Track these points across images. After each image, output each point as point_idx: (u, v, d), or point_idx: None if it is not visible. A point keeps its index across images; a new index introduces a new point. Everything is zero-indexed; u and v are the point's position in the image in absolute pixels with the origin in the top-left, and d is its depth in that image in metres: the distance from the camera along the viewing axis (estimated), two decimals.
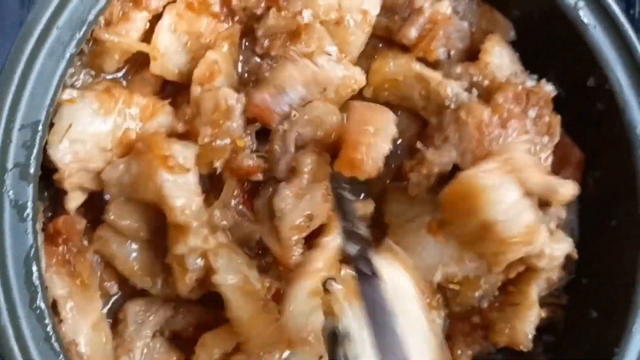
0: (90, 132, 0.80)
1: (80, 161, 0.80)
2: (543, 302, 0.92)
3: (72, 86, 0.83)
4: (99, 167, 0.82)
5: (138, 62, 0.86)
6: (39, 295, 0.72)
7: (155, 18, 0.83)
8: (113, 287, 0.88)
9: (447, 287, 0.91)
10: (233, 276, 0.81)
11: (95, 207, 0.85)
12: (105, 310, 0.88)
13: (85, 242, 0.85)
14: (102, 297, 0.87)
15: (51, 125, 0.78)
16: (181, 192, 0.80)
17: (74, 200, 0.82)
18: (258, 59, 0.88)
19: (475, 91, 0.90)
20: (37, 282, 0.72)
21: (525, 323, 0.89)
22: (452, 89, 0.88)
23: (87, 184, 0.83)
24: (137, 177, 0.80)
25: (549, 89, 0.89)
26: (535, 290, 0.89)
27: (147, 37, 0.84)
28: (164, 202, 0.79)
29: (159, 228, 0.84)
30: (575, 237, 0.93)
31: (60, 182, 0.80)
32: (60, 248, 0.81)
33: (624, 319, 0.86)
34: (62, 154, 0.78)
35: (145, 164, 0.80)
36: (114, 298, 0.89)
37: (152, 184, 0.79)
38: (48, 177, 0.80)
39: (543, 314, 0.92)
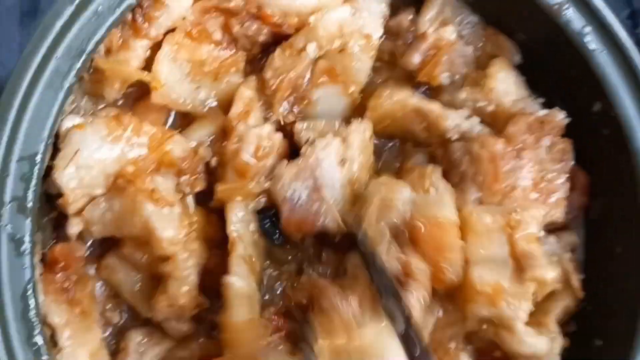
0: (97, 158, 0.79)
1: (85, 187, 0.79)
2: None
3: (72, 113, 0.82)
4: (103, 193, 0.81)
5: (140, 91, 0.86)
6: (37, 330, 0.71)
7: (157, 46, 0.82)
8: (115, 316, 0.87)
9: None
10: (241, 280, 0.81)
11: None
12: (105, 335, 0.87)
13: (92, 270, 0.85)
14: (103, 325, 0.86)
15: (57, 150, 0.77)
16: (168, 224, 0.80)
17: (76, 225, 0.81)
18: None
19: (476, 118, 0.89)
20: (34, 318, 0.71)
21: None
22: (453, 120, 0.87)
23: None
24: (121, 213, 0.80)
25: (561, 117, 0.89)
26: (553, 321, 0.88)
27: (149, 65, 0.83)
28: (151, 235, 0.79)
29: None
30: (580, 263, 0.93)
31: (64, 207, 0.79)
32: (59, 276, 0.80)
33: (629, 349, 0.84)
34: (68, 179, 0.78)
35: (128, 199, 0.80)
36: (110, 328, 0.88)
37: (137, 218, 0.79)
38: (48, 203, 0.80)
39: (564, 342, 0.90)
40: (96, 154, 0.79)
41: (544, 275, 0.82)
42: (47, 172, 0.77)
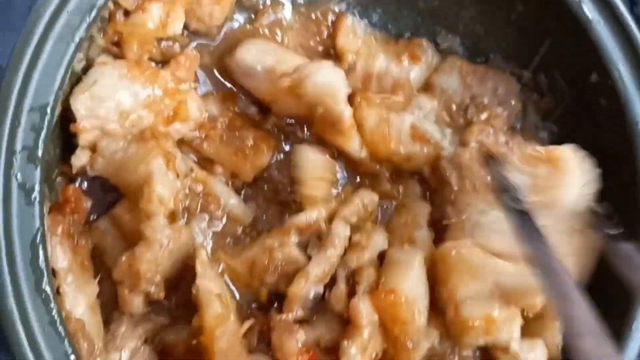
0: (113, 91, 0.81)
1: (99, 118, 0.80)
2: None
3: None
4: (116, 130, 0.82)
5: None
6: (45, 279, 0.72)
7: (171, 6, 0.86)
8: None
9: None
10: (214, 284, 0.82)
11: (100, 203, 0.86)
12: None
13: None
14: None
15: (79, 80, 0.79)
16: (166, 185, 0.81)
17: (83, 157, 0.81)
18: None
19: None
20: (43, 266, 0.72)
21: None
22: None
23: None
24: (131, 157, 0.81)
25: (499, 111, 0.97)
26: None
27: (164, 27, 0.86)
28: (147, 185, 0.79)
29: None
30: None
31: (76, 132, 0.79)
32: (67, 218, 0.80)
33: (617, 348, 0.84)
34: (82, 105, 0.79)
35: (145, 148, 0.81)
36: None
37: (144, 166, 0.80)
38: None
39: None
40: (113, 88, 0.80)
41: (533, 302, 0.85)
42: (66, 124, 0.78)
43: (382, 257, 0.89)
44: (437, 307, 0.86)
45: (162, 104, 0.84)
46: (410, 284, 0.84)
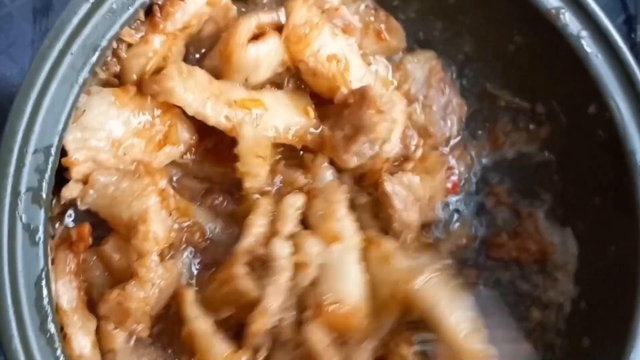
0: (102, 121, 0.81)
1: (90, 149, 0.80)
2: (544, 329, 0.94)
3: None
4: (109, 160, 0.82)
5: None
6: (49, 318, 0.72)
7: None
8: None
9: None
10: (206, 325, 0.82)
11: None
12: None
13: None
14: None
15: None
16: (160, 224, 0.81)
17: (74, 190, 0.81)
18: None
19: None
20: (47, 306, 0.72)
21: None
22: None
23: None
24: (124, 192, 0.81)
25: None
26: None
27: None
28: (142, 223, 0.79)
29: None
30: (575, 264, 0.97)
31: (67, 166, 0.79)
32: (78, 257, 0.81)
33: (618, 350, 0.85)
34: (73, 137, 0.78)
35: (139, 185, 0.81)
36: None
37: (138, 203, 0.80)
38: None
39: None
40: (103, 117, 0.80)
41: None
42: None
43: None
44: None
45: (152, 129, 0.84)
46: (351, 289, 0.84)
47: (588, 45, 0.90)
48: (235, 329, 0.83)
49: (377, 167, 0.93)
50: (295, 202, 0.86)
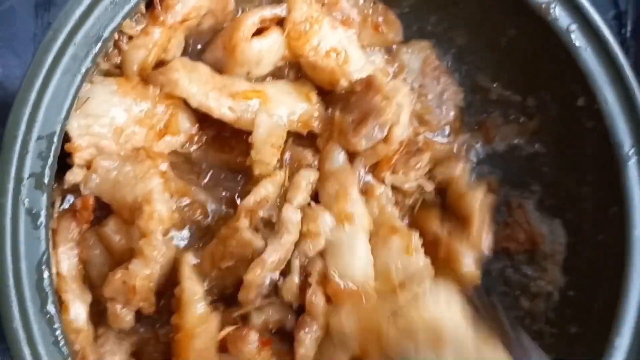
0: (107, 109, 0.83)
1: (92, 135, 0.82)
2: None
3: None
4: (110, 146, 0.84)
5: None
6: (49, 300, 0.74)
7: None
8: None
9: None
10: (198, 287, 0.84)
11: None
12: None
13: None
14: None
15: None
16: (164, 204, 0.83)
17: (77, 175, 0.83)
18: None
19: None
20: (47, 288, 0.74)
21: None
22: None
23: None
24: (127, 176, 0.83)
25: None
26: None
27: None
28: (147, 204, 0.81)
29: None
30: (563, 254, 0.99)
31: (71, 152, 0.81)
32: (81, 226, 0.83)
33: (604, 336, 0.87)
34: (77, 123, 0.81)
35: (141, 167, 0.83)
36: None
37: (142, 185, 0.82)
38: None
39: None
40: (106, 104, 0.83)
41: None
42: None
43: None
44: None
45: (154, 118, 0.87)
46: (358, 268, 0.86)
47: (577, 38, 0.92)
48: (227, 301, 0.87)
49: (390, 154, 0.95)
50: (309, 175, 0.90)
